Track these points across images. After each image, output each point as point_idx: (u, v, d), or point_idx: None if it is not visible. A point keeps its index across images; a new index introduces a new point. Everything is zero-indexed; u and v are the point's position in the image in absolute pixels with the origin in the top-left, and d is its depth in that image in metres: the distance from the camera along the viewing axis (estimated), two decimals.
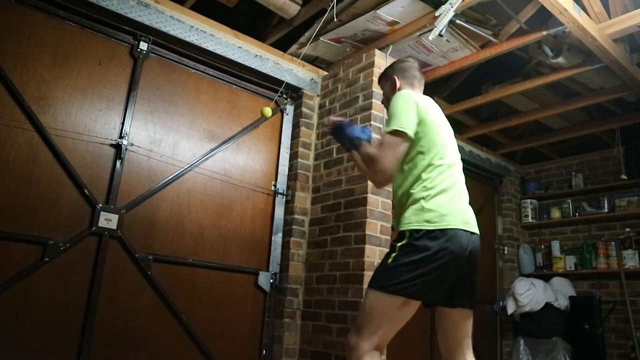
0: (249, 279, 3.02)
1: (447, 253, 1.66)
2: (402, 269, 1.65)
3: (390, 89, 2.06)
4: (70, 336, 2.34)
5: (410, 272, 1.64)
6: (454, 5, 2.65)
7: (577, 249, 4.56)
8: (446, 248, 1.66)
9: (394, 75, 2.04)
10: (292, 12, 3.02)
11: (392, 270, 1.67)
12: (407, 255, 1.67)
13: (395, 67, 2.07)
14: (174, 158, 2.82)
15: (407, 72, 2.04)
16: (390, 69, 2.09)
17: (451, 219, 1.70)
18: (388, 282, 1.65)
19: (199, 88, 3.01)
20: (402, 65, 2.07)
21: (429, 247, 1.65)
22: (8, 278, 2.21)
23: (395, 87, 2.01)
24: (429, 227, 1.68)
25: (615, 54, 2.98)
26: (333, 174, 3.12)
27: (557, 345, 4.05)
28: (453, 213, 1.72)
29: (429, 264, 1.64)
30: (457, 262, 1.69)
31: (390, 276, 1.66)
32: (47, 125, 2.42)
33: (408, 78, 2.03)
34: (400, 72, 2.04)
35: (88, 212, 2.48)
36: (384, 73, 2.13)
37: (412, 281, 1.63)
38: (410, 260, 1.65)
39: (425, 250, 1.65)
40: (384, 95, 2.14)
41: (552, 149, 5.00)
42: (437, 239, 1.67)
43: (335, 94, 3.31)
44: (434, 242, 1.66)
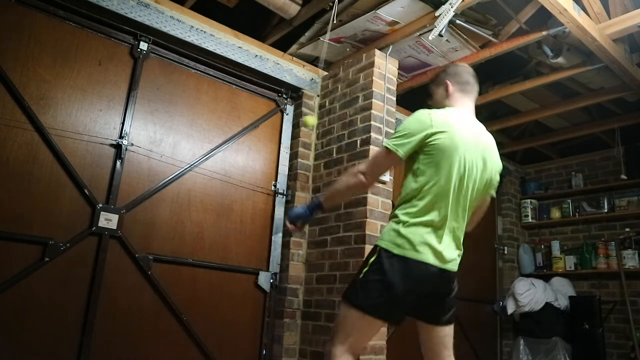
0: (249, 279, 3.02)
1: (407, 285, 1.64)
2: (369, 286, 1.67)
3: (444, 94, 1.93)
4: (70, 336, 2.34)
5: (373, 291, 1.65)
6: (454, 5, 2.65)
7: (577, 249, 4.56)
8: (406, 281, 1.63)
9: (446, 80, 1.92)
10: (292, 12, 3.02)
11: (361, 285, 1.69)
12: (374, 272, 1.67)
13: (448, 72, 1.95)
14: (174, 158, 2.82)
15: (460, 77, 1.92)
16: (443, 74, 1.97)
17: (420, 252, 1.65)
18: (356, 297, 1.68)
19: (199, 88, 3.01)
20: (455, 69, 1.96)
21: (393, 271, 1.63)
22: (8, 278, 2.21)
23: (449, 92, 1.90)
24: (397, 252, 1.65)
25: (615, 54, 2.98)
26: (333, 174, 3.12)
27: (557, 345, 4.06)
28: (429, 247, 1.66)
29: (389, 290, 1.63)
30: (421, 293, 1.68)
31: (358, 291, 1.69)
32: (47, 125, 2.42)
33: (461, 84, 1.91)
34: (454, 76, 1.92)
35: (88, 212, 2.48)
36: (436, 77, 2.00)
37: (374, 300, 1.64)
38: (376, 279, 1.65)
39: (389, 273, 1.64)
40: (435, 101, 2.00)
41: (552, 149, 5.00)
42: (399, 267, 1.64)
43: (335, 94, 3.31)
44: (399, 267, 1.64)
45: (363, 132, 2.99)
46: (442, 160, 1.70)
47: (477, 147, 1.78)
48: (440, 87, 1.94)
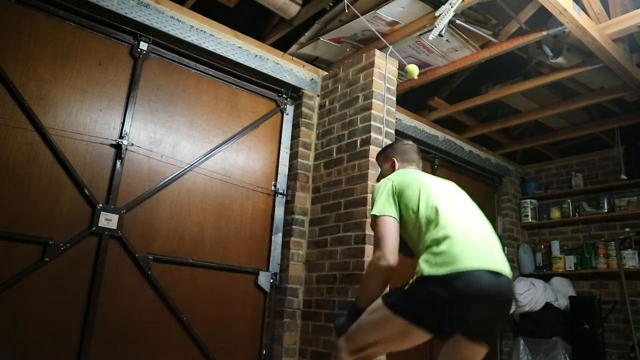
0: (249, 279, 3.02)
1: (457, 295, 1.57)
2: (411, 296, 1.64)
3: (390, 169, 2.14)
4: (70, 336, 2.34)
5: (415, 301, 1.63)
6: (454, 5, 2.65)
7: (577, 249, 4.56)
8: (457, 291, 1.56)
9: (393, 157, 2.15)
10: (292, 12, 3.02)
11: (404, 293, 1.67)
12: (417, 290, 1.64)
13: (395, 149, 2.18)
14: (174, 158, 2.82)
15: (405, 155, 2.14)
16: (390, 150, 2.19)
17: (461, 262, 1.59)
18: (395, 300, 1.67)
19: (199, 88, 3.01)
20: (402, 148, 2.18)
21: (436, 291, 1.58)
22: (8, 278, 2.21)
23: (395, 168, 2.11)
24: (437, 273, 1.60)
25: (615, 54, 2.98)
26: (333, 174, 3.12)
27: (557, 345, 4.06)
28: (463, 254, 1.61)
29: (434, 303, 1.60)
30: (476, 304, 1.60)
31: (399, 296, 1.67)
32: (47, 125, 2.42)
33: (407, 161, 2.13)
34: (400, 154, 2.15)
35: (88, 212, 2.48)
36: (384, 152, 2.23)
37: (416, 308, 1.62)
38: (418, 295, 1.62)
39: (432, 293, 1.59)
40: (382, 175, 2.19)
41: (552, 149, 5.00)
42: (446, 282, 1.58)
43: (335, 94, 3.31)
44: (442, 287, 1.58)
45: (363, 132, 2.99)
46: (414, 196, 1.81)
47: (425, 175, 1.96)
48: (387, 164, 2.16)
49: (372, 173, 2.88)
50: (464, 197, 1.92)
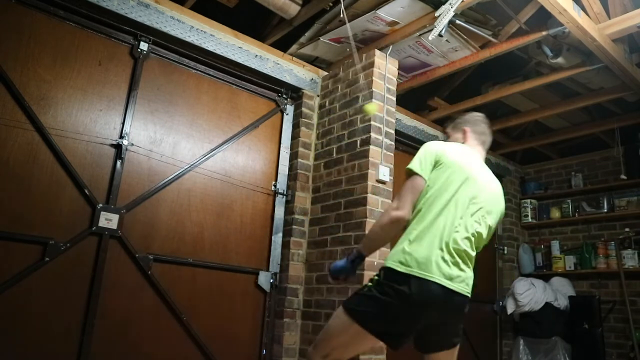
0: (249, 279, 3.02)
1: (413, 306, 1.61)
2: (370, 300, 1.65)
3: (460, 139, 2.03)
4: (70, 336, 2.35)
5: (373, 306, 1.64)
6: (454, 5, 2.66)
7: (576, 249, 4.57)
8: (413, 301, 1.60)
9: (464, 127, 2.02)
10: (292, 12, 3.02)
11: (364, 296, 1.69)
12: (377, 291, 1.65)
13: (467, 119, 2.06)
14: (174, 158, 2.82)
15: (478, 126, 2.02)
16: (460, 120, 2.07)
17: (430, 270, 1.62)
18: (351, 304, 1.69)
19: (199, 88, 3.01)
20: (474, 118, 2.06)
21: (394, 294, 1.62)
22: (8, 278, 2.21)
23: (466, 138, 2.00)
24: (399, 269, 1.63)
25: (614, 54, 2.98)
26: (333, 174, 3.13)
27: (557, 345, 4.06)
28: (436, 266, 1.63)
29: (390, 309, 1.62)
30: (428, 315, 1.64)
31: (359, 301, 1.69)
32: (48, 125, 2.42)
33: (477, 133, 2.01)
34: (472, 124, 2.03)
35: (88, 212, 2.48)
36: (454, 121, 2.11)
37: (367, 311, 1.64)
38: (377, 296, 1.64)
39: (389, 295, 1.62)
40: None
41: (552, 149, 5.00)
42: (404, 288, 1.61)
43: (335, 94, 3.31)
44: (400, 290, 1.61)
45: (363, 132, 2.99)
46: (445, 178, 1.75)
47: (477, 165, 1.86)
48: (458, 133, 2.03)
49: (372, 173, 2.88)
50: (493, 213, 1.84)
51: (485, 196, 1.81)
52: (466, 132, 2.00)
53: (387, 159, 3.00)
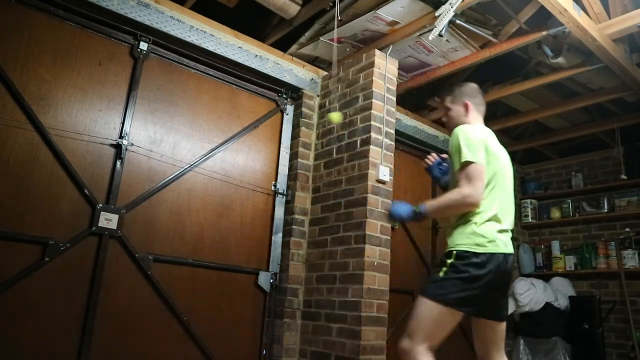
0: (249, 279, 3.02)
1: (490, 275, 1.81)
2: (452, 283, 1.81)
3: (462, 112, 2.09)
4: (70, 336, 2.34)
5: (458, 287, 1.80)
6: (454, 5, 2.66)
7: (577, 249, 4.57)
8: (490, 271, 1.81)
9: (465, 100, 2.08)
10: (292, 12, 3.02)
11: (444, 283, 1.82)
12: (456, 272, 1.82)
13: (465, 91, 2.10)
14: (174, 158, 2.82)
15: (476, 98, 2.10)
16: (458, 91, 2.11)
17: (497, 245, 1.84)
18: (441, 294, 1.81)
19: (199, 88, 3.01)
20: (471, 90, 2.11)
21: (475, 268, 1.80)
22: (8, 278, 2.21)
23: (468, 111, 2.07)
24: (478, 250, 1.82)
25: (615, 54, 2.98)
26: (333, 174, 3.12)
27: (557, 345, 4.06)
28: (499, 238, 1.86)
29: (474, 282, 1.80)
30: (497, 281, 1.85)
31: (442, 288, 1.82)
32: (48, 125, 2.42)
33: (477, 105, 2.10)
34: (471, 97, 2.09)
35: (88, 212, 2.48)
36: (451, 91, 2.14)
37: (460, 294, 1.79)
38: (459, 277, 1.81)
39: (471, 271, 1.80)
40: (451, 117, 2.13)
41: (552, 149, 5.00)
42: (483, 261, 1.81)
43: (335, 94, 3.31)
44: (480, 264, 1.80)
45: (363, 132, 2.99)
46: (491, 160, 1.92)
47: (496, 141, 2.02)
48: (459, 106, 2.09)
49: (372, 173, 2.88)
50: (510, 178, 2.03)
51: (508, 173, 2.02)
52: (468, 106, 2.07)
53: (387, 159, 3.00)
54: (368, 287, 2.71)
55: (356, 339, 2.62)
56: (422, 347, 1.79)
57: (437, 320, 1.82)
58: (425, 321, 1.82)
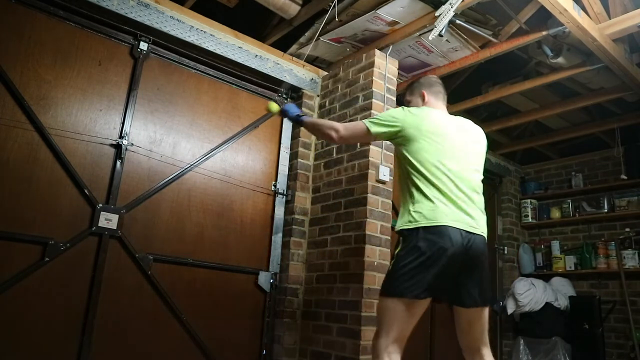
0: (249, 279, 3.02)
1: (435, 248, 1.76)
2: (399, 272, 1.79)
3: (419, 102, 2.20)
4: (70, 336, 2.35)
5: (405, 274, 1.77)
6: (454, 5, 2.65)
7: (577, 249, 4.56)
8: (434, 243, 1.76)
9: (422, 90, 2.19)
10: (292, 12, 3.02)
11: (392, 274, 1.82)
12: (402, 258, 1.80)
13: (423, 82, 2.23)
14: (174, 158, 2.82)
15: (434, 87, 2.20)
16: (417, 83, 2.25)
17: (438, 217, 1.81)
18: (389, 287, 1.81)
19: (199, 88, 3.01)
20: (429, 80, 2.24)
21: (418, 245, 1.78)
22: (8, 278, 2.21)
23: (425, 101, 2.17)
24: (415, 226, 1.81)
25: (615, 54, 2.98)
26: (333, 174, 3.12)
27: (557, 345, 4.06)
28: (441, 213, 1.82)
29: (419, 260, 1.76)
30: (456, 260, 1.79)
31: (391, 280, 1.82)
32: (48, 125, 2.42)
33: (434, 93, 2.18)
34: (428, 87, 2.20)
35: (88, 212, 2.48)
36: (410, 86, 2.28)
37: (408, 282, 1.76)
38: (405, 262, 1.78)
39: (415, 249, 1.78)
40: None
41: (552, 149, 5.00)
42: (425, 236, 1.78)
43: (335, 94, 3.31)
44: (422, 239, 1.78)
45: None
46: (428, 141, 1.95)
47: (451, 124, 2.05)
48: (416, 96, 2.21)
49: (372, 173, 2.88)
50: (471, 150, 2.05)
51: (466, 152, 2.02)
52: (424, 95, 2.17)
53: (387, 159, 3.00)
54: (368, 287, 2.71)
55: (356, 339, 2.62)
56: (385, 343, 1.77)
57: (392, 314, 1.79)
58: (384, 317, 1.81)
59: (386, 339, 1.77)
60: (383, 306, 1.84)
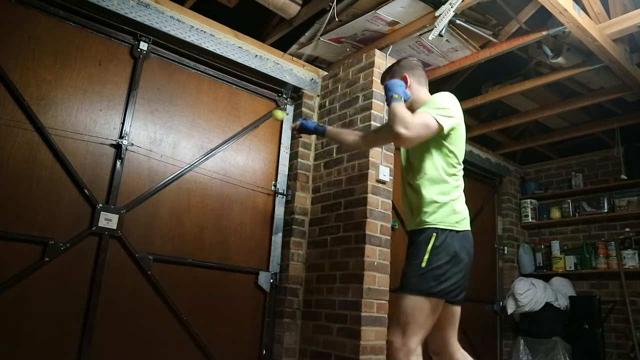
0: (249, 279, 3.02)
1: (467, 253, 1.81)
2: (435, 272, 1.75)
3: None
4: (70, 336, 2.35)
5: (442, 275, 1.74)
6: (454, 5, 2.65)
7: (577, 249, 4.56)
8: (468, 249, 1.81)
9: (404, 73, 2.04)
10: (292, 12, 3.02)
11: (426, 273, 1.75)
12: (438, 258, 1.76)
13: (403, 65, 2.08)
14: (174, 158, 2.82)
15: (415, 71, 2.06)
16: (397, 66, 2.09)
17: (466, 221, 1.86)
18: (425, 285, 1.74)
19: (199, 88, 3.01)
20: (410, 63, 2.10)
21: (456, 248, 1.78)
22: (8, 278, 2.21)
23: (407, 85, 2.00)
24: (458, 229, 1.81)
25: (615, 54, 2.98)
26: (333, 174, 3.12)
27: (557, 345, 4.06)
28: (466, 216, 1.88)
29: (459, 264, 1.77)
30: (470, 259, 1.85)
31: (425, 279, 1.75)
32: (48, 125, 2.42)
33: (417, 77, 2.05)
34: (410, 69, 2.06)
35: (88, 212, 2.48)
36: (390, 70, 2.12)
37: (444, 283, 1.74)
38: (441, 263, 1.75)
39: (453, 252, 1.77)
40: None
41: (552, 149, 5.00)
42: (462, 240, 1.80)
43: (335, 94, 3.31)
44: (460, 243, 1.79)
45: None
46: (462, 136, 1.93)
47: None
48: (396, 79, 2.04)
49: (372, 173, 2.88)
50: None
51: None
52: (406, 78, 2.01)
53: (387, 159, 3.00)
54: (368, 287, 2.71)
55: (356, 339, 2.62)
56: (415, 344, 1.73)
57: (427, 314, 1.76)
58: (415, 317, 1.74)
59: (416, 339, 1.72)
60: (414, 305, 1.74)
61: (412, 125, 1.76)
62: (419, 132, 1.78)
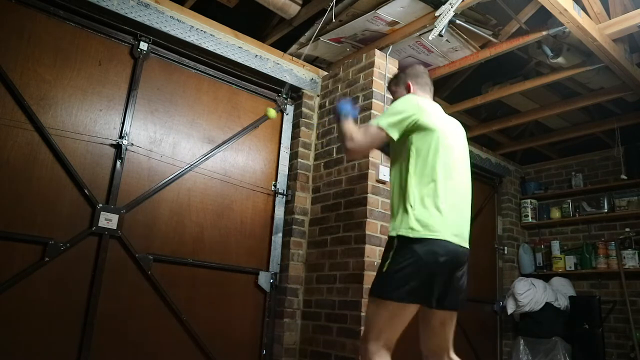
0: (249, 279, 3.02)
1: (436, 260, 1.70)
2: (395, 275, 1.71)
3: (404, 93, 2.08)
4: (70, 336, 2.35)
5: (401, 278, 1.69)
6: (454, 5, 2.65)
7: (577, 249, 4.56)
8: (438, 256, 1.70)
9: (408, 81, 2.08)
10: (292, 12, 3.02)
11: (387, 277, 1.73)
12: (398, 261, 1.72)
13: (409, 73, 2.11)
14: (174, 158, 2.82)
15: (420, 79, 2.08)
16: (403, 74, 2.13)
17: (441, 230, 1.74)
18: (384, 289, 1.72)
19: (199, 88, 3.01)
20: (415, 71, 2.11)
21: (420, 254, 1.70)
22: (8, 278, 2.21)
23: (411, 92, 2.05)
24: (416, 236, 1.72)
25: (615, 54, 2.98)
26: (333, 174, 3.12)
27: (557, 345, 4.05)
28: (444, 225, 1.75)
29: (423, 269, 1.69)
30: (441, 266, 1.72)
31: (385, 283, 1.73)
32: (48, 125, 2.42)
33: (421, 85, 2.07)
34: (414, 77, 2.08)
35: (88, 212, 2.48)
36: (396, 77, 2.16)
37: (404, 287, 1.68)
38: (401, 266, 1.70)
39: (417, 257, 1.70)
40: (396, 98, 2.11)
41: (552, 149, 5.00)
42: (431, 246, 1.71)
43: (335, 94, 3.31)
44: (426, 249, 1.70)
45: None
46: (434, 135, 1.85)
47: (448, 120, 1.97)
48: (402, 88, 2.10)
49: (372, 173, 2.88)
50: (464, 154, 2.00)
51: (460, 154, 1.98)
52: (410, 86, 2.06)
53: (387, 159, 3.00)
54: (368, 287, 2.69)
55: (356, 339, 2.62)
56: (375, 347, 1.71)
57: (384, 318, 1.73)
58: (376, 321, 1.73)
59: (376, 343, 1.71)
60: (374, 309, 1.75)
61: (355, 138, 1.85)
62: (361, 143, 1.86)
